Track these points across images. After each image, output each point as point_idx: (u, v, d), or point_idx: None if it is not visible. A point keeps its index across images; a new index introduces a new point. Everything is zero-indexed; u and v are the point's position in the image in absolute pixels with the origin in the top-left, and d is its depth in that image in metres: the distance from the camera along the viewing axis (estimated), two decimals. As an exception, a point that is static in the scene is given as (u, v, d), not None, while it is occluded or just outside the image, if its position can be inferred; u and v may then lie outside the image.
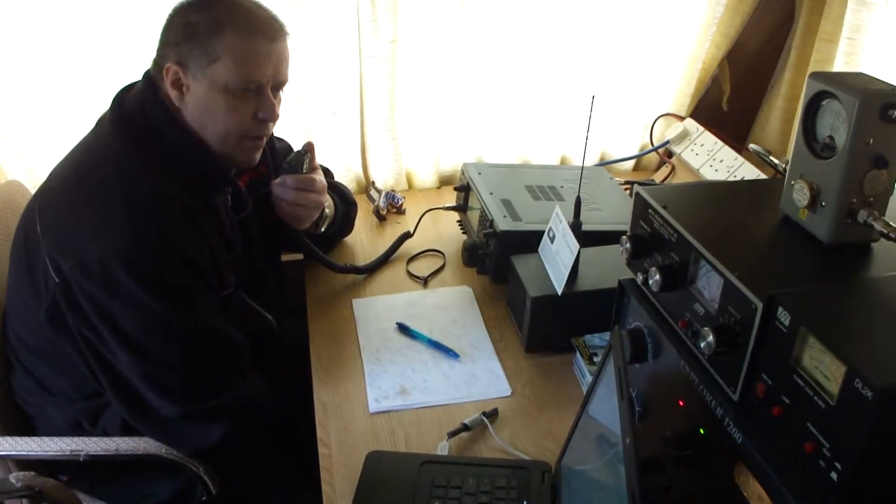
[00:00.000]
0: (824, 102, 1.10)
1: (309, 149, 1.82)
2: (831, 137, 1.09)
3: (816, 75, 1.11)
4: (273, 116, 1.59)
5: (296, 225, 1.85)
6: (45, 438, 1.56)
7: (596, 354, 1.64)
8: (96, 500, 1.63)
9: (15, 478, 1.37)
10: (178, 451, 1.55)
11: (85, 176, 1.52)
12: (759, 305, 0.98)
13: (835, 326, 0.91)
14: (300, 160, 1.79)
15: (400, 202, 2.36)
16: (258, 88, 1.54)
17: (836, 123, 1.08)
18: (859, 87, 1.03)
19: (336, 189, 2.08)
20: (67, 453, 1.54)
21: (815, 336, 0.89)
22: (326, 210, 1.93)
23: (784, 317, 0.95)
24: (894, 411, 0.80)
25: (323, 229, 1.96)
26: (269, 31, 1.54)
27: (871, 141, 1.03)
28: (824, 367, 0.88)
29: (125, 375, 1.49)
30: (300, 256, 2.05)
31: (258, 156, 1.66)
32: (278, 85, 1.60)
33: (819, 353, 0.89)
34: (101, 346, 1.47)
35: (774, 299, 0.96)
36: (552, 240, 1.72)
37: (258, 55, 1.52)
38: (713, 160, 2.32)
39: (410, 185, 2.57)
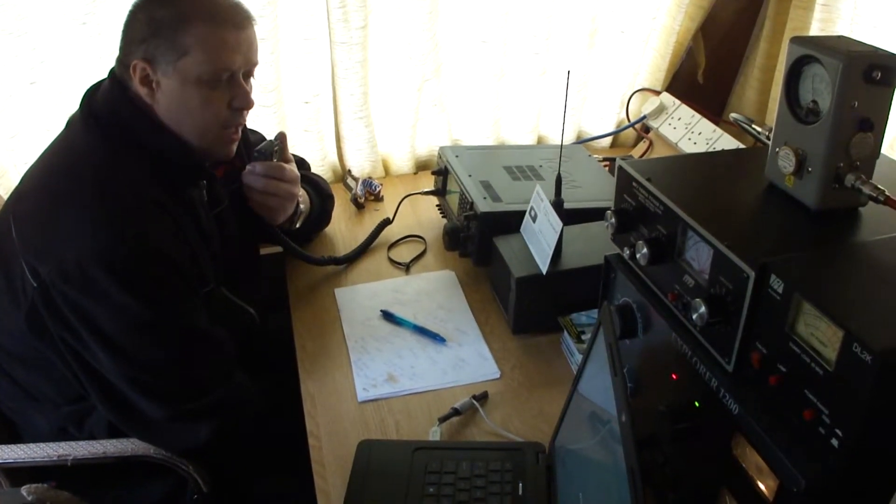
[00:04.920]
0: (806, 67, 1.09)
1: (281, 139, 1.79)
2: (815, 102, 1.08)
3: (798, 40, 1.10)
4: (248, 104, 1.58)
5: (269, 217, 1.81)
6: (32, 445, 1.52)
7: (584, 332, 1.62)
8: (86, 507, 1.61)
9: (26, 490, 1.35)
10: (167, 451, 1.53)
11: (59, 179, 1.49)
12: (752, 274, 0.97)
13: (829, 292, 0.91)
14: (270, 148, 1.77)
15: (377, 189, 2.34)
16: (230, 77, 1.52)
17: (819, 88, 1.07)
18: (842, 49, 1.02)
19: (312, 182, 2.05)
20: (55, 458, 1.51)
21: (811, 302, 0.89)
22: (301, 206, 1.90)
23: (777, 284, 0.94)
24: (894, 374, 0.79)
25: (298, 225, 1.93)
26: (236, 18, 1.51)
27: (856, 104, 1.02)
28: (820, 334, 0.88)
29: (109, 379, 1.46)
30: (280, 249, 2.02)
31: (235, 147, 1.64)
32: (249, 71, 1.58)
33: (815, 319, 0.88)
34: (83, 351, 1.44)
35: (767, 267, 0.95)
36: (534, 219, 1.70)
37: (227, 44, 1.49)
38: (691, 133, 2.31)
39: (387, 172, 2.54)
